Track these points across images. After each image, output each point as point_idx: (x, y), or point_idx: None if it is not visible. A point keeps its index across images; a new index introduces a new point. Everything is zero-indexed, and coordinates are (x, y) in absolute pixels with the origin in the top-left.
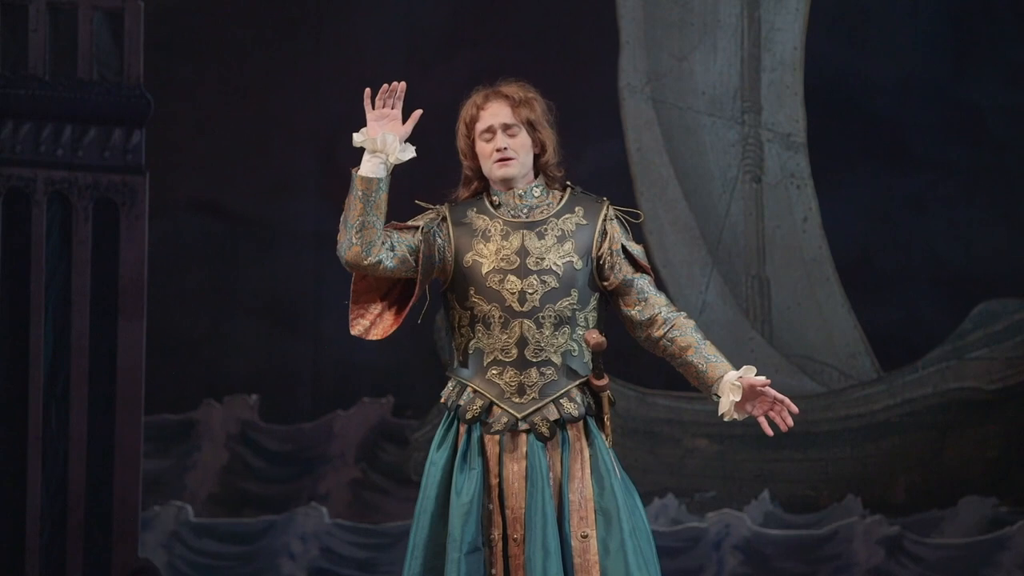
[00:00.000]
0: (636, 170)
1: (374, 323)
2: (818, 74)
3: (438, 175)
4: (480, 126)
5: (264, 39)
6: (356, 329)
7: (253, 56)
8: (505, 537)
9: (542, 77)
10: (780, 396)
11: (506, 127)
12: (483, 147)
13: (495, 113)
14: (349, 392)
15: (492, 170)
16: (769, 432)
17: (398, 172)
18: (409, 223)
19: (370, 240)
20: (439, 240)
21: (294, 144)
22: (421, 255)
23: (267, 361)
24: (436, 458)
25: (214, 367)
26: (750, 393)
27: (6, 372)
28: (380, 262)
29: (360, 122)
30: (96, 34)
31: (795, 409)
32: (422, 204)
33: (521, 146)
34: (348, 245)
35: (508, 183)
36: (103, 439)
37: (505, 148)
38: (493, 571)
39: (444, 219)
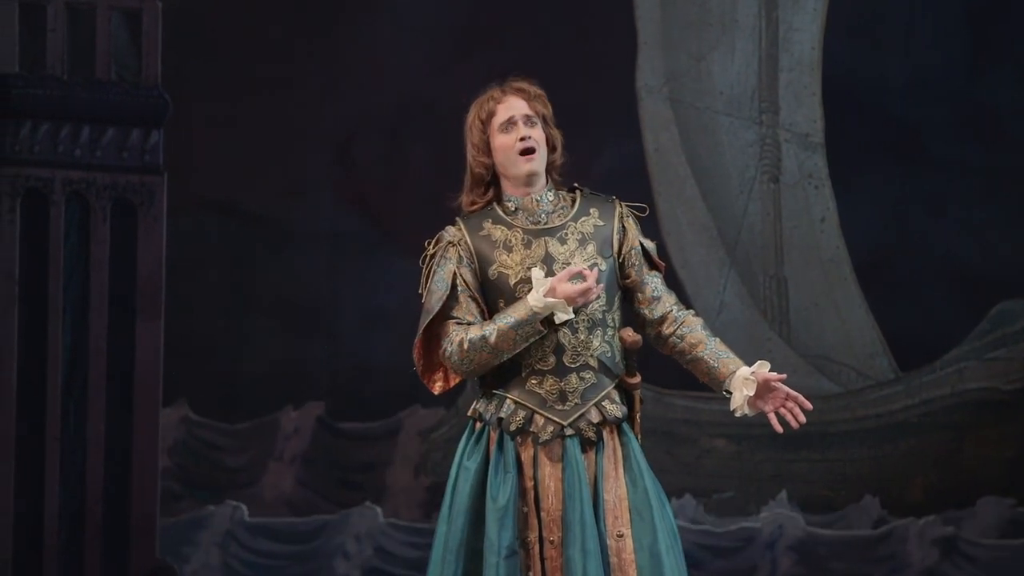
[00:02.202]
0: (654, 170)
1: (448, 373)
2: (836, 74)
3: (457, 175)
4: (498, 119)
5: (282, 39)
6: (438, 388)
7: (271, 56)
8: (541, 539)
9: (560, 77)
10: (793, 392)
11: (527, 118)
12: (503, 139)
13: (513, 106)
14: (365, 392)
15: (516, 163)
16: (779, 428)
17: (417, 173)
18: (451, 287)
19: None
20: (467, 267)
21: (311, 144)
22: (478, 297)
23: (283, 360)
24: (468, 464)
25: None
26: (763, 388)
27: (24, 372)
28: None
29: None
30: (114, 34)
31: (808, 406)
32: (428, 246)
33: (540, 139)
34: (477, 370)
35: (530, 179)
36: (121, 439)
37: (528, 136)
38: (530, 574)
39: (460, 240)
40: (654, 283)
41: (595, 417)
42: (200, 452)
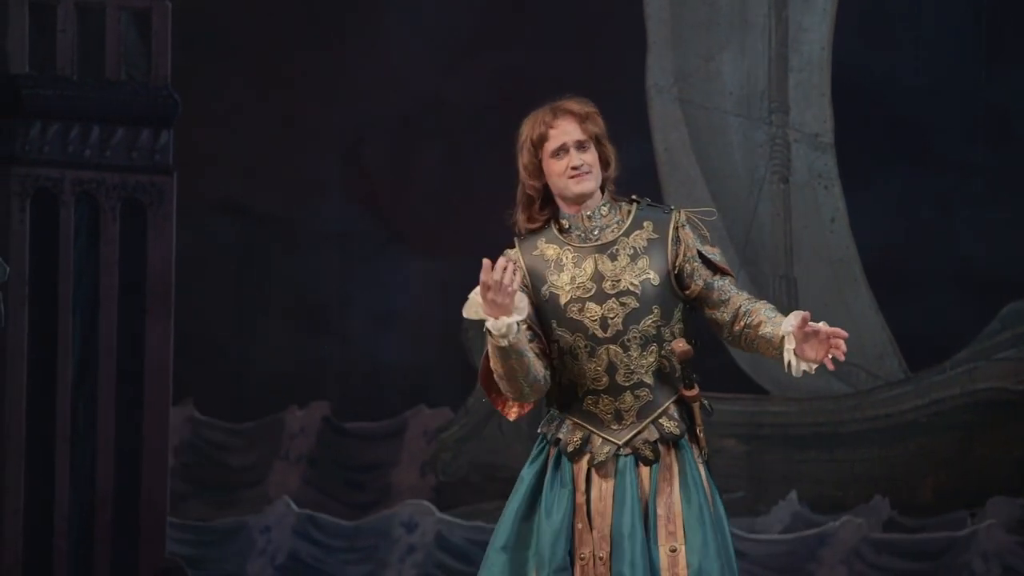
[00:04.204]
0: (664, 170)
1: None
2: (845, 74)
3: (465, 174)
4: (551, 145)
5: (291, 39)
6: (512, 414)
7: (280, 56)
8: (593, 556)
9: (569, 77)
10: (830, 330)
11: (579, 144)
12: (555, 165)
13: (566, 131)
14: (376, 392)
15: (567, 186)
16: (831, 367)
17: (427, 173)
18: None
19: (536, 374)
20: (522, 291)
21: (321, 144)
22: (532, 321)
23: (293, 361)
24: (525, 473)
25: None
26: (802, 337)
27: (35, 372)
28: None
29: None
30: (124, 34)
31: (845, 334)
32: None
33: (593, 161)
34: (518, 396)
35: (583, 198)
36: (130, 439)
37: (581, 165)
38: None
39: (515, 263)
40: (720, 285)
41: (652, 435)
42: (206, 452)
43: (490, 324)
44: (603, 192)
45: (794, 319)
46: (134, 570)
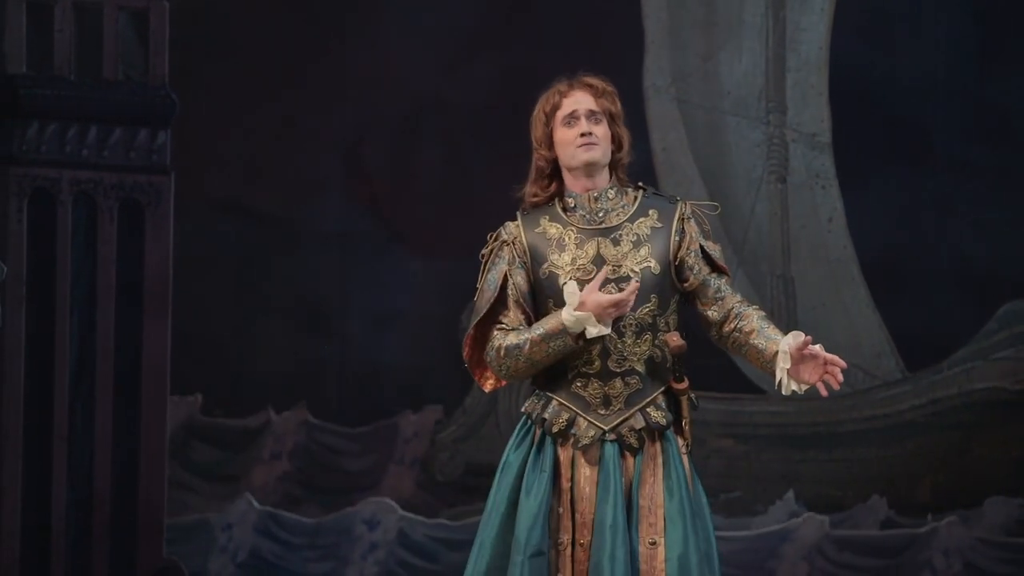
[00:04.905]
0: (661, 170)
1: None
2: (843, 74)
3: (465, 174)
4: (562, 113)
5: (290, 39)
6: (489, 386)
7: (279, 56)
8: (573, 542)
9: (567, 77)
10: (829, 356)
11: (591, 113)
12: (565, 133)
13: (579, 100)
14: (376, 392)
15: (575, 155)
16: (824, 392)
17: (427, 173)
18: (500, 288)
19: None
20: (520, 268)
21: (320, 144)
22: (526, 301)
23: (293, 361)
24: (512, 459)
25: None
26: (799, 358)
27: (32, 372)
28: None
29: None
30: (121, 34)
31: (844, 364)
32: (486, 247)
33: (604, 135)
34: (516, 376)
35: (590, 170)
36: (128, 439)
37: (590, 133)
38: (560, 575)
39: (516, 238)
40: (717, 284)
41: (639, 423)
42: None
43: (593, 331)
44: (611, 175)
45: (793, 339)
46: (132, 569)
